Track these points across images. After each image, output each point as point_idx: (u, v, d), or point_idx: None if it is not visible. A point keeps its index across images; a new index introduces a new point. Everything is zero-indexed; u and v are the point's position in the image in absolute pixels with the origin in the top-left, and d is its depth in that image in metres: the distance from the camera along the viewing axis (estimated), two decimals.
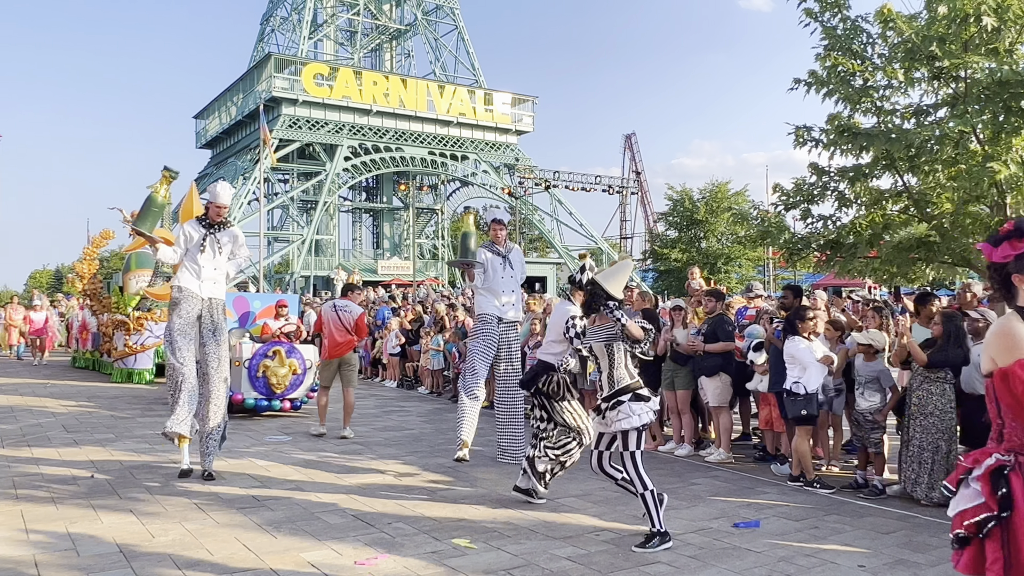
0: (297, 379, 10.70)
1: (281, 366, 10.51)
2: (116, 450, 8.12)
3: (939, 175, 8.01)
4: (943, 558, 4.75)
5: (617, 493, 6.37)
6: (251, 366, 10.38)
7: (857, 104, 8.19)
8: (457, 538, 5.10)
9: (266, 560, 4.62)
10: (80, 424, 9.85)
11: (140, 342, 15.21)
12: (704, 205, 43.19)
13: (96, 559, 4.62)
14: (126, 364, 15.22)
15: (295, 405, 10.86)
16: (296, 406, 10.87)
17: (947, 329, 6.28)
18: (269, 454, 8.03)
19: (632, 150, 63.77)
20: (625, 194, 51.55)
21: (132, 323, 15.22)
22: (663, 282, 43.69)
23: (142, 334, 15.21)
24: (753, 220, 10.65)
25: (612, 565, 4.63)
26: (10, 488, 6.36)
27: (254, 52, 64.28)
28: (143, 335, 15.22)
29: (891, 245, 8.73)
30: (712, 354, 7.82)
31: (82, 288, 16.91)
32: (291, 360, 10.60)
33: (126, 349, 15.20)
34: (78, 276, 17.31)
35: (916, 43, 7.52)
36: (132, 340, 15.19)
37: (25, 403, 11.81)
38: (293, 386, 10.68)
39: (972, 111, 7.05)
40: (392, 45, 64.62)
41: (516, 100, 60.46)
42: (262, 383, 10.43)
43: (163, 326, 14.45)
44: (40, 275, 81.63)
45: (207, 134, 62.08)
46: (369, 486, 6.64)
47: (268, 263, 48.82)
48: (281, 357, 10.53)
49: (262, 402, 10.51)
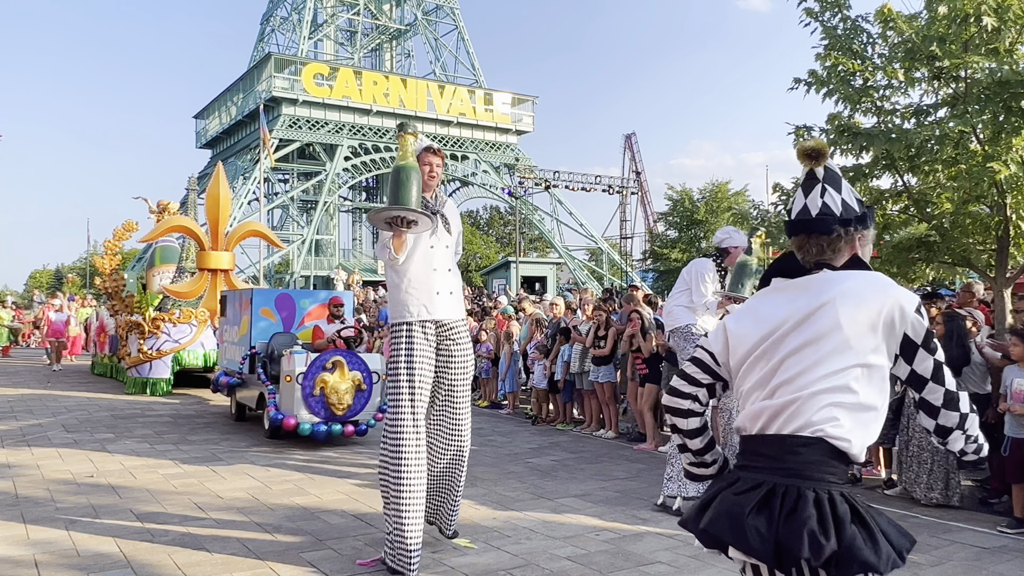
0: (362, 396, 8.59)
1: (343, 380, 8.41)
2: (116, 450, 8.12)
3: (939, 175, 8.01)
4: (943, 558, 4.75)
5: (617, 493, 6.38)
6: (305, 382, 8.33)
7: (857, 104, 8.19)
8: (457, 538, 5.10)
9: (266, 560, 4.62)
10: (80, 424, 9.84)
11: (156, 347, 13.39)
12: (704, 205, 43.18)
13: (96, 559, 4.61)
14: (140, 372, 13.45)
15: (360, 429, 8.56)
16: (362, 430, 8.59)
17: (948, 329, 6.29)
18: (269, 454, 8.03)
19: (632, 150, 63.72)
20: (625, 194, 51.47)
21: (147, 325, 13.50)
22: (663, 282, 43.66)
23: (158, 338, 13.43)
24: (753, 220, 10.65)
25: (612, 565, 4.63)
26: (10, 488, 6.36)
27: (254, 52, 64.29)
28: (159, 339, 13.43)
29: (891, 245, 8.73)
30: None
31: (102, 285, 15.41)
32: (354, 373, 8.51)
33: (140, 355, 13.43)
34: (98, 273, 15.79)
35: (916, 43, 7.51)
36: (147, 345, 13.39)
37: (25, 403, 11.80)
38: (357, 405, 8.56)
39: (972, 111, 7.05)
40: (392, 45, 64.63)
41: (516, 100, 60.47)
42: (319, 403, 8.34)
43: (182, 328, 13.67)
44: (40, 275, 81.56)
45: (207, 134, 62.08)
46: (369, 486, 6.64)
47: (268, 263, 48.79)
48: (343, 369, 8.43)
49: (320, 427, 8.31)
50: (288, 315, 10.17)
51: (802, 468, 1.97)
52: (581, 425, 10.09)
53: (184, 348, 13.62)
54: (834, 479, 1.96)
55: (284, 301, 10.27)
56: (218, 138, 60.30)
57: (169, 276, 15.24)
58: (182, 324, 13.74)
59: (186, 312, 14.02)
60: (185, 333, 13.73)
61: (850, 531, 1.88)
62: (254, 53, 64.03)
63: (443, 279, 4.60)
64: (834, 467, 1.97)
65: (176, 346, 13.51)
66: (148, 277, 15.36)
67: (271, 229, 34.20)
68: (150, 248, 16.07)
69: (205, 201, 16.18)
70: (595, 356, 9.35)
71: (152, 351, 13.38)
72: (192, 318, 13.92)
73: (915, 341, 1.99)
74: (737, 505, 2.00)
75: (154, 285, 15.00)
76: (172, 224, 15.47)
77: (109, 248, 15.59)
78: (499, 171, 58.37)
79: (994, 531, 5.37)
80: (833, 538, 1.86)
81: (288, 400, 8.36)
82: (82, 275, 66.87)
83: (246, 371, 9.76)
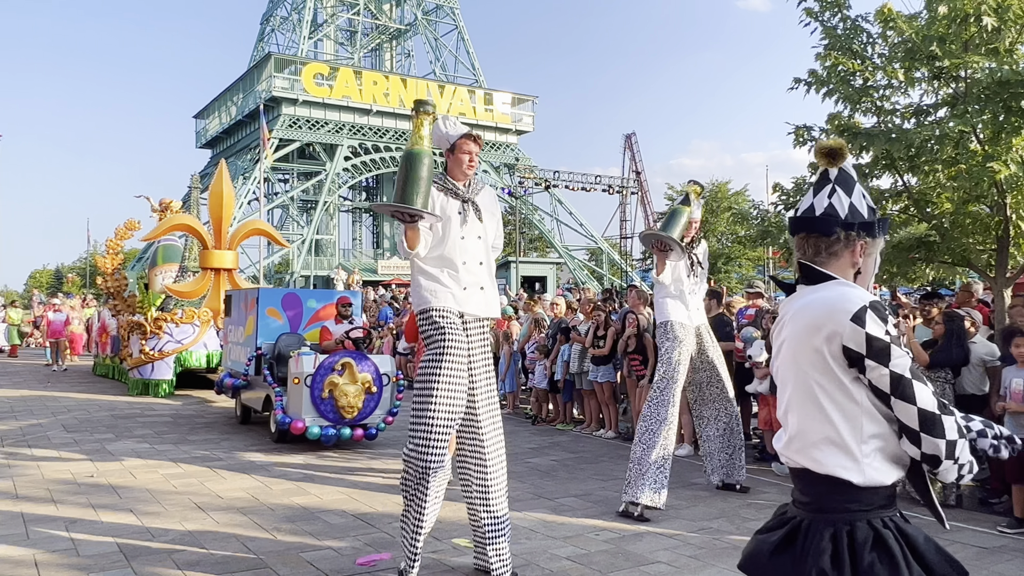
0: (372, 399, 8.31)
1: (352, 383, 8.14)
2: (116, 450, 8.12)
3: (939, 175, 8.00)
4: None
5: (617, 493, 6.37)
6: (314, 385, 8.04)
7: (857, 104, 8.18)
8: (457, 538, 5.10)
9: (266, 560, 4.62)
10: (80, 424, 9.84)
11: (158, 348, 13.14)
12: (704, 205, 43.21)
13: (96, 559, 4.61)
14: (142, 373, 13.23)
15: (369, 433, 8.33)
16: (371, 434, 8.35)
17: (948, 329, 6.29)
18: (269, 454, 8.03)
19: (632, 150, 63.67)
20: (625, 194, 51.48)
21: (148, 325, 13.25)
22: None
23: (160, 338, 13.19)
24: (753, 220, 10.65)
25: (612, 565, 4.63)
26: (10, 488, 6.36)
27: (254, 52, 64.28)
28: (161, 340, 13.19)
29: (891, 245, 8.72)
30: None
31: (104, 285, 15.06)
32: (364, 375, 8.23)
33: (142, 356, 13.16)
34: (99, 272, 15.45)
35: (916, 43, 7.51)
36: (149, 345, 13.13)
37: (25, 403, 11.80)
38: (367, 409, 8.29)
39: (972, 111, 7.04)
40: (392, 45, 64.62)
41: (516, 100, 60.47)
42: (328, 406, 8.06)
43: (184, 328, 13.29)
44: (40, 275, 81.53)
45: (207, 134, 62.07)
46: (369, 486, 6.64)
47: (268, 263, 48.79)
48: (352, 371, 8.15)
49: (329, 431, 8.03)
50: (295, 315, 9.89)
51: (821, 501, 1.93)
52: (581, 425, 10.09)
53: (187, 349, 13.42)
54: (857, 507, 1.88)
55: (291, 301, 9.96)
56: (218, 138, 60.30)
57: (172, 275, 15.00)
58: (185, 324, 13.53)
59: (189, 312, 13.80)
60: (188, 333, 13.51)
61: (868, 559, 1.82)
62: (254, 53, 64.03)
63: (474, 273, 4.20)
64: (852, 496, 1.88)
65: (179, 347, 13.27)
66: (150, 276, 15.16)
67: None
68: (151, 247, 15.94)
69: (208, 199, 16.01)
70: (594, 356, 9.35)
71: (154, 352, 13.14)
72: (195, 318, 13.70)
73: (858, 351, 1.87)
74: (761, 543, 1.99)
75: (156, 284, 14.75)
76: (175, 222, 15.27)
77: (111, 247, 15.31)
78: (499, 171, 58.37)
79: (994, 531, 5.37)
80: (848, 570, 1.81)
81: (296, 403, 8.11)
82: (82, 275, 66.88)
83: (252, 373, 9.52)
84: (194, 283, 15.21)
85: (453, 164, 4.24)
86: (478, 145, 4.25)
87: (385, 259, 59.12)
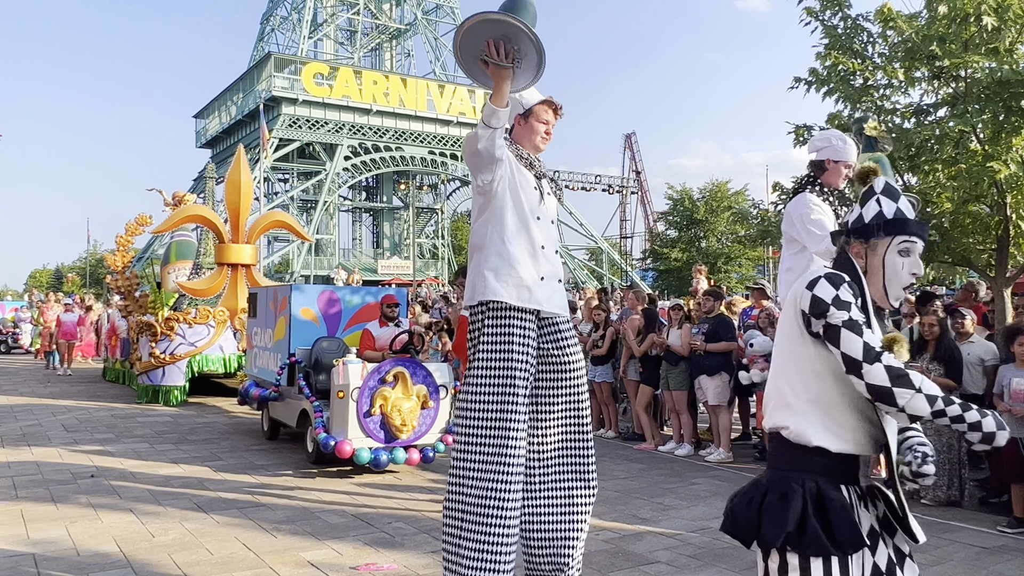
0: (427, 415, 7.02)
1: (407, 397, 6.88)
2: (116, 450, 8.12)
3: (939, 175, 8.01)
4: (943, 558, 4.75)
5: (617, 493, 6.37)
6: (361, 399, 6.78)
7: (857, 103, 8.20)
8: None
9: (266, 560, 4.62)
10: (80, 424, 9.84)
11: (169, 351, 11.87)
12: (704, 205, 43.22)
13: (96, 559, 4.61)
14: (152, 379, 11.99)
15: (426, 455, 6.97)
16: (428, 457, 6.99)
17: (942, 328, 6.29)
18: (269, 454, 8.03)
19: (632, 150, 63.73)
20: (625, 194, 51.57)
21: (159, 326, 11.95)
22: (663, 281, 43.70)
23: (172, 340, 11.90)
24: (753, 219, 10.67)
25: (612, 565, 4.63)
26: (10, 488, 6.36)
27: (254, 52, 64.31)
28: (173, 342, 11.90)
29: None
30: (713, 353, 7.84)
31: (114, 284, 13.71)
32: (419, 387, 6.97)
33: (152, 360, 11.93)
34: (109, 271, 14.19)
35: (916, 42, 7.52)
36: (160, 348, 11.88)
37: (25, 403, 11.81)
38: (423, 426, 7.01)
39: (972, 111, 7.05)
40: (392, 44, 64.64)
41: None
42: (378, 424, 6.84)
43: (198, 329, 12.09)
44: (40, 275, 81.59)
45: (207, 133, 62.12)
46: (369, 486, 6.64)
47: (268, 262, 48.81)
48: (406, 383, 6.89)
49: (380, 453, 6.74)
50: (333, 316, 8.50)
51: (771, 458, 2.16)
52: None
53: (201, 352, 12.09)
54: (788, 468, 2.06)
55: (328, 299, 8.52)
56: (218, 137, 60.34)
57: (185, 273, 13.88)
58: (198, 325, 12.19)
59: (203, 311, 12.43)
60: (202, 335, 12.17)
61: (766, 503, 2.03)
62: (254, 53, 64.04)
63: (553, 262, 3.35)
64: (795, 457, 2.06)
65: (192, 349, 11.93)
66: (163, 275, 14.05)
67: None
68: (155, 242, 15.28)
69: (225, 188, 14.59)
70: (593, 356, 9.35)
71: (165, 355, 11.86)
72: (210, 318, 12.33)
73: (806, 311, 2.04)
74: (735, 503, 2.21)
75: (169, 283, 13.61)
76: (188, 213, 13.90)
77: (121, 243, 13.79)
78: None
79: (994, 531, 5.37)
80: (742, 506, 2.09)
81: (341, 420, 6.80)
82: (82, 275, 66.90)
83: (284, 383, 8.13)
84: (209, 280, 13.87)
85: (525, 133, 3.46)
86: (557, 116, 3.53)
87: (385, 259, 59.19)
